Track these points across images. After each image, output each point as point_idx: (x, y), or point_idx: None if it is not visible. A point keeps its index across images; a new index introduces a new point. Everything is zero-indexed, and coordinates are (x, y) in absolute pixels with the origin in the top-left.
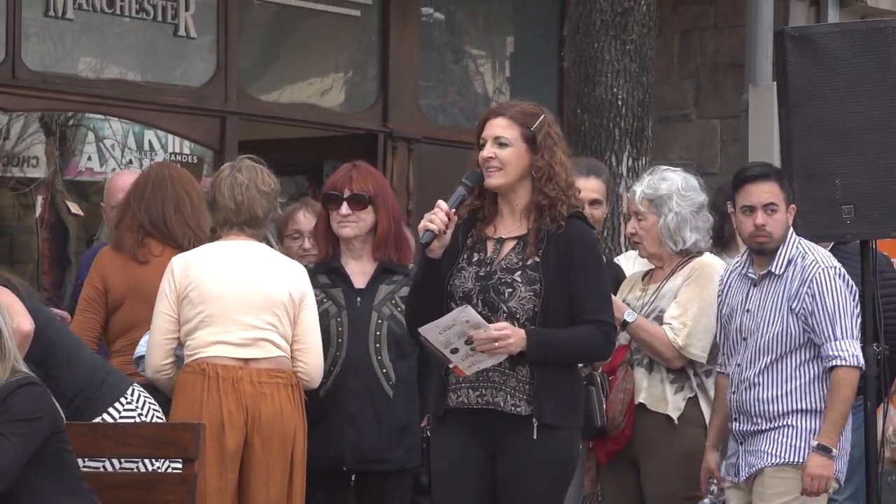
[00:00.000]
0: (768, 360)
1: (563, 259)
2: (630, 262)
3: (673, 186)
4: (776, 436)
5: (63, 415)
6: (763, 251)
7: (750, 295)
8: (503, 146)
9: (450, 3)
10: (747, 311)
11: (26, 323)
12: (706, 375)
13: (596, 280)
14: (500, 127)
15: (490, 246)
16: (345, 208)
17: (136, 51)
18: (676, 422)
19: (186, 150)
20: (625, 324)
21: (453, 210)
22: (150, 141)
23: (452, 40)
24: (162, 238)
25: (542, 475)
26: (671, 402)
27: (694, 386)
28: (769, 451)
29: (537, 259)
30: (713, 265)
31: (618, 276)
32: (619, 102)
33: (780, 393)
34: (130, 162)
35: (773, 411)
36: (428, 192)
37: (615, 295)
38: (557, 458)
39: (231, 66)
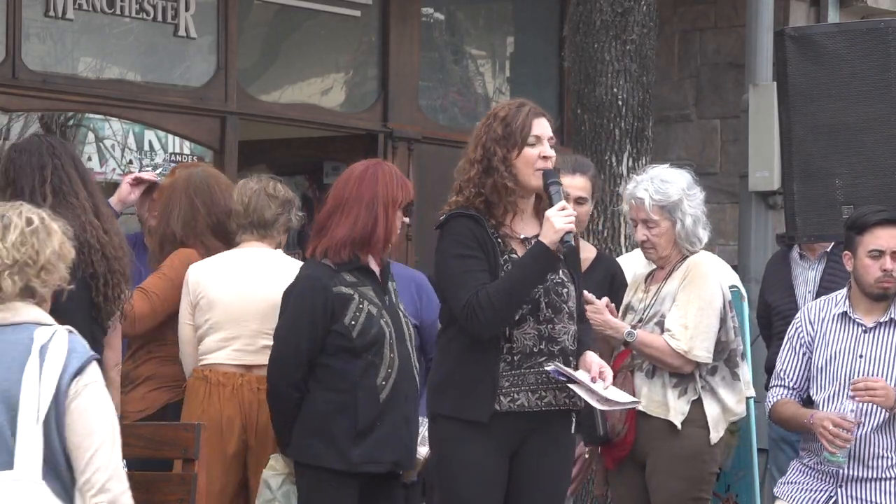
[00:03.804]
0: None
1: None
2: (631, 262)
3: (679, 188)
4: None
5: None
6: (885, 296)
7: (862, 341)
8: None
9: (450, 3)
10: (860, 356)
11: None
12: (711, 374)
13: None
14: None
15: (520, 247)
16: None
17: (136, 51)
18: (679, 427)
19: (186, 150)
20: (626, 343)
21: None
22: (150, 141)
23: (452, 40)
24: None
25: (569, 467)
26: (674, 407)
27: (698, 388)
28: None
29: (560, 255)
30: (706, 262)
31: (615, 273)
32: (620, 102)
33: None
34: (130, 162)
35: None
36: (428, 192)
37: (623, 297)
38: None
39: (231, 66)
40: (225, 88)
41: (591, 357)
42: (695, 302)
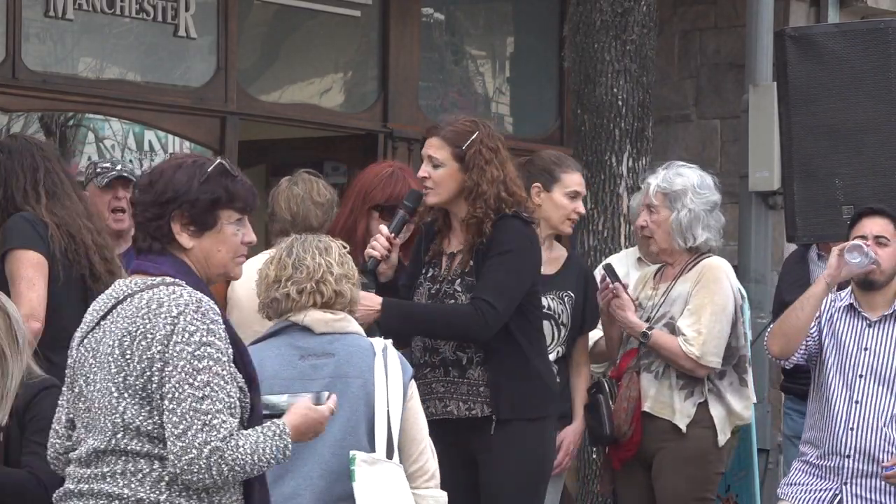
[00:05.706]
0: None
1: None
2: (622, 260)
3: (688, 182)
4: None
5: None
6: (872, 285)
7: (866, 334)
8: (436, 167)
9: (450, 3)
10: (865, 349)
11: (35, 323)
12: (719, 378)
13: (494, 266)
14: (433, 147)
15: (444, 261)
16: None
17: (136, 51)
18: (684, 430)
19: (186, 151)
20: (641, 341)
21: (394, 234)
22: (150, 141)
23: (452, 40)
24: None
25: (513, 472)
26: (679, 410)
27: (705, 391)
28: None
29: (472, 263)
30: (721, 267)
31: (587, 272)
32: (620, 103)
33: None
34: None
35: None
36: None
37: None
38: (526, 453)
39: (231, 66)
40: (225, 88)
41: None
42: (708, 307)
